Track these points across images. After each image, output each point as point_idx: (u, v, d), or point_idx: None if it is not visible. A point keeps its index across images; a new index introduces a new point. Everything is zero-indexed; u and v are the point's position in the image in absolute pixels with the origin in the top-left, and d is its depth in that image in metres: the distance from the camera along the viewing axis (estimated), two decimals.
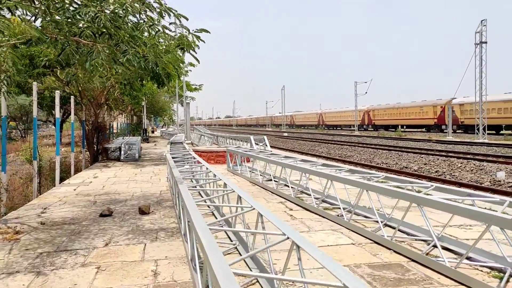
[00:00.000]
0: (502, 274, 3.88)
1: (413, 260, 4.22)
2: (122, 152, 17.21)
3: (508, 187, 11.82)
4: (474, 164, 16.79)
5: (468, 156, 19.91)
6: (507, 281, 3.71)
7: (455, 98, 56.05)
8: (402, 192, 4.77)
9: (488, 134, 47.99)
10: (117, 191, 9.34)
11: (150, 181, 10.96)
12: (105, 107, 17.91)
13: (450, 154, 21.15)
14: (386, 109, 70.84)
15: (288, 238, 3.12)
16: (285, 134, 58.50)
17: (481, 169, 15.71)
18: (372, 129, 74.96)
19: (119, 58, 5.59)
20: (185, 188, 5.22)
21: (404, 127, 67.18)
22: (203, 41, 6.63)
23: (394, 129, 67.74)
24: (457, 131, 54.74)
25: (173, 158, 9.92)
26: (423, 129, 62.82)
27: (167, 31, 5.91)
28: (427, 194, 4.87)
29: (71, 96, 13.87)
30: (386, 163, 18.91)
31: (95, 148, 17.34)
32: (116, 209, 7.29)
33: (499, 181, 12.58)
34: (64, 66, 13.21)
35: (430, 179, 13.49)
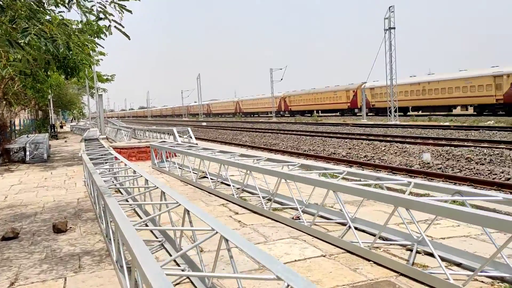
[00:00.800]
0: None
1: (401, 274, 3.64)
2: (27, 153, 15.15)
3: (438, 169, 12.09)
4: (397, 147, 17.24)
5: (388, 139, 20.54)
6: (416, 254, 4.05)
7: (366, 82, 58.78)
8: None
9: (384, 115, 51.06)
10: (24, 202, 7.85)
11: (64, 186, 9.49)
12: (4, 102, 15.60)
13: (371, 138, 21.70)
14: (302, 95, 72.49)
15: (216, 232, 3.10)
16: (204, 124, 57.32)
17: (405, 151, 16.14)
18: (289, 115, 76.43)
19: (18, 39, 4.33)
20: (114, 201, 4.19)
21: (319, 112, 69.27)
22: (130, 12, 5.46)
23: (310, 114, 69.60)
24: (369, 114, 57.52)
25: (90, 158, 8.61)
26: (338, 113, 65.24)
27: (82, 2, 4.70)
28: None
29: None
30: (313, 150, 18.83)
31: None
32: (24, 228, 5.96)
33: (428, 163, 12.87)
34: None
35: (362, 164, 13.47)
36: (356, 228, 4.56)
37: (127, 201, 6.06)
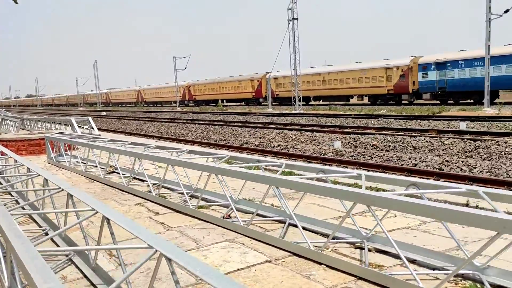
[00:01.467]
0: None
1: (360, 278, 3.25)
2: None
3: (350, 156, 12.31)
4: (307, 135, 17.45)
5: (297, 127, 20.84)
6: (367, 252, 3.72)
7: (270, 72, 59.77)
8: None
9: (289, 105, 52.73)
10: None
11: None
12: None
13: (280, 127, 21.86)
14: (207, 84, 71.66)
15: (97, 212, 3.10)
16: (104, 114, 53.85)
17: (315, 140, 16.37)
18: (194, 105, 75.22)
19: None
20: (2, 209, 3.23)
21: (224, 101, 69.10)
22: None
23: (215, 104, 69.13)
24: (273, 103, 58.63)
25: None
26: (243, 103, 65.60)
27: None
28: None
29: None
30: (224, 140, 18.35)
31: None
32: None
33: (341, 151, 13.07)
34: None
35: (276, 154, 13.28)
36: (295, 226, 4.09)
37: (23, 208, 4.94)
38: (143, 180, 7.05)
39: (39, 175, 4.61)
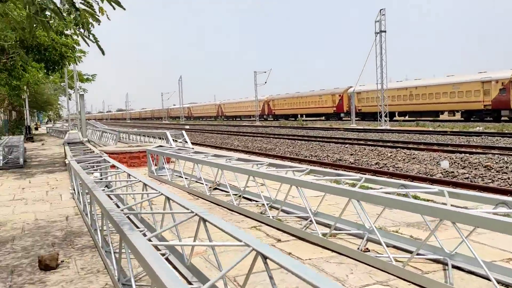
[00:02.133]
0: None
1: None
2: (0, 157, 13.44)
3: (465, 178, 11.00)
4: (404, 153, 16.19)
5: (389, 144, 19.55)
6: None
7: (352, 87, 58.18)
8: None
9: (371, 120, 50.52)
10: None
11: (46, 199, 7.96)
12: None
13: (370, 143, 20.69)
14: (286, 99, 71.55)
15: (195, 214, 3.24)
16: (187, 127, 55.58)
17: (414, 158, 15.09)
18: (272, 119, 75.39)
19: None
20: (140, 237, 2.82)
21: (304, 116, 68.45)
22: (123, 8, 4.02)
23: (294, 118, 68.70)
24: (355, 118, 56.81)
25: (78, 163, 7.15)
26: (323, 118, 64.47)
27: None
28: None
29: None
30: (315, 156, 17.62)
31: None
32: None
33: (452, 172, 11.79)
34: None
35: (376, 172, 12.30)
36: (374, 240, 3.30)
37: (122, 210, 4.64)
38: (250, 199, 6.61)
39: (160, 193, 4.27)
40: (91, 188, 4.81)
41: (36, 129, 48.86)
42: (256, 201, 6.60)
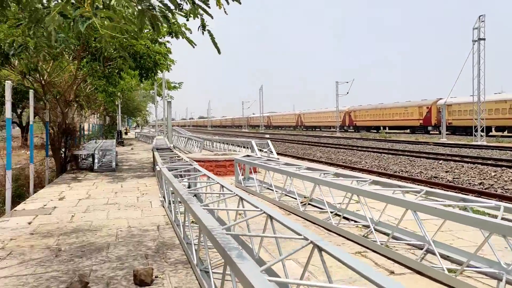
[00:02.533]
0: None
1: None
2: (96, 160, 14.08)
3: None
4: None
5: (490, 162, 17.71)
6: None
7: (441, 98, 54.70)
8: None
9: (463, 135, 46.73)
10: (93, 226, 6.36)
11: (137, 205, 7.98)
12: (75, 105, 14.72)
13: (467, 160, 18.91)
14: (368, 110, 69.20)
15: (310, 242, 2.86)
16: (267, 136, 55.76)
17: None
18: (353, 130, 73.31)
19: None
20: (253, 269, 2.40)
21: (386, 128, 65.69)
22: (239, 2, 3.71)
23: (376, 131, 66.20)
24: (445, 132, 53.25)
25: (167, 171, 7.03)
26: (407, 130, 61.38)
27: None
28: None
29: (30, 90, 10.70)
30: (406, 171, 16.43)
31: (63, 156, 14.14)
32: (94, 271, 4.36)
33: None
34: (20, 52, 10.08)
35: (481, 194, 11.00)
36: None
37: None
38: (347, 218, 6.03)
39: (235, 194, 3.89)
40: (186, 200, 4.54)
41: (126, 133, 51.90)
42: (356, 222, 5.99)
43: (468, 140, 36.68)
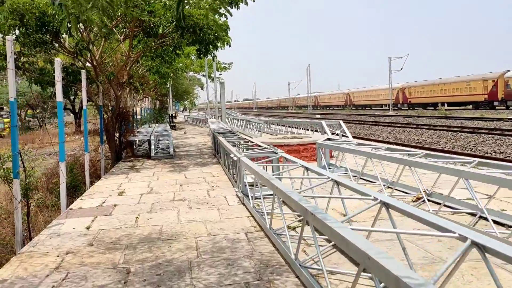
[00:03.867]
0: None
1: None
2: (152, 147, 13.01)
3: None
4: None
5: None
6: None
7: (509, 70, 50.35)
8: None
9: None
10: (164, 234, 5.07)
11: (210, 201, 6.66)
12: (128, 87, 13.66)
13: None
14: (425, 86, 65.28)
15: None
16: (318, 116, 53.72)
17: None
18: (407, 108, 69.64)
19: None
20: None
21: (445, 104, 61.70)
22: None
23: (433, 108, 62.41)
24: (510, 107, 49.18)
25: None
26: (469, 106, 57.30)
27: None
28: None
29: (82, 71, 9.60)
30: (504, 152, 14.30)
31: (118, 142, 13.18)
32: None
33: None
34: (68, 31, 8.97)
35: None
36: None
37: None
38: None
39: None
40: (298, 201, 3.13)
41: (175, 117, 51.57)
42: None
43: None
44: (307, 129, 15.91)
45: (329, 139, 8.86)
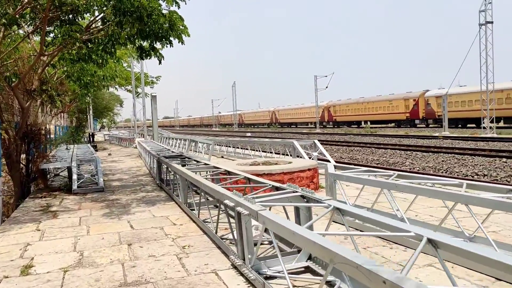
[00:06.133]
0: None
1: None
2: (75, 177, 9.71)
3: None
4: None
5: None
6: None
7: (428, 90, 52.44)
8: None
9: (466, 128, 44.60)
10: None
11: (194, 283, 3.89)
12: (40, 98, 10.23)
13: (504, 154, 15.91)
14: (349, 104, 66.60)
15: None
16: (249, 134, 51.74)
17: None
18: (332, 126, 70.54)
19: None
20: None
21: (368, 123, 63.11)
22: None
23: (357, 126, 63.59)
24: (431, 125, 51.05)
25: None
26: (390, 125, 58.99)
27: None
28: None
29: None
30: (447, 169, 12.97)
31: (24, 172, 9.72)
32: None
33: None
34: None
35: None
36: None
37: None
38: None
39: None
40: None
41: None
42: None
43: (472, 133, 34.10)
44: (268, 152, 13.53)
45: (334, 166, 6.47)
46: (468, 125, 45.92)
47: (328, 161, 10.02)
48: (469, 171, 12.74)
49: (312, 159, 10.20)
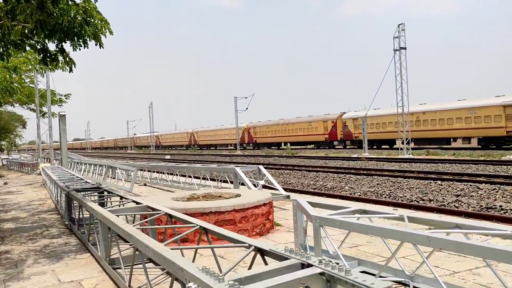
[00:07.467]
0: None
1: None
2: None
3: None
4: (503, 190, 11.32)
5: (445, 177, 15.25)
6: None
7: (345, 112, 54.10)
8: None
9: (382, 149, 46.47)
10: None
11: None
12: None
13: (432, 176, 16.07)
14: (269, 126, 66.80)
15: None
16: (168, 157, 49.17)
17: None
18: (252, 148, 70.26)
19: None
20: None
21: (288, 144, 63.64)
22: None
23: (277, 147, 63.85)
24: (348, 147, 52.57)
25: None
26: (309, 146, 59.97)
27: None
28: None
29: None
30: (389, 194, 12.44)
31: None
32: None
33: None
34: None
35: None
36: None
37: None
38: None
39: None
40: None
41: None
42: None
43: (391, 154, 35.20)
44: (201, 178, 11.86)
45: (310, 202, 5.08)
46: (383, 146, 47.90)
47: (277, 189, 8.66)
48: (413, 195, 12.14)
49: (258, 188, 8.78)
